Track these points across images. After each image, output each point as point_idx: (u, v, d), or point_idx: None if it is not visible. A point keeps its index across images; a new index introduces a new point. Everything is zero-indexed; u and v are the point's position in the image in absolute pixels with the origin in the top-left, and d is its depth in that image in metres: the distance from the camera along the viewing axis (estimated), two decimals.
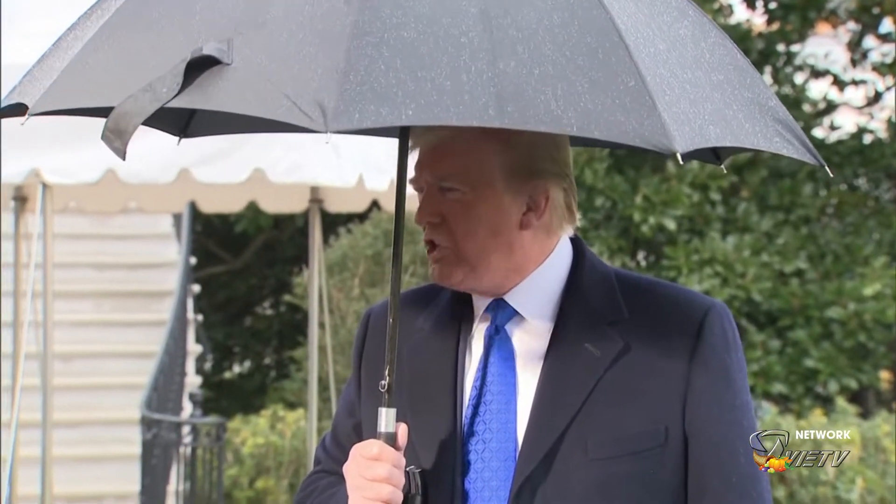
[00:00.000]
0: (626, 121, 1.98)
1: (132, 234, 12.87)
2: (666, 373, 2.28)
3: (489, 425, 2.31)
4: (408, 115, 1.89)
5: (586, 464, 2.24)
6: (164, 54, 2.00)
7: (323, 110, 1.88)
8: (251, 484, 10.36)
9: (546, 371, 2.29)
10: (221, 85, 1.95)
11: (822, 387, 11.88)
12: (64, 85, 2.07)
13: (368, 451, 2.20)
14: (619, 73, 2.01)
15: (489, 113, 1.92)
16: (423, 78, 1.92)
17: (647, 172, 12.11)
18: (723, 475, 2.28)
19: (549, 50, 2.00)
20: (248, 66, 1.95)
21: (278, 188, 6.69)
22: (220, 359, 17.36)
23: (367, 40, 1.94)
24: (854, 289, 11.83)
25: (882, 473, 10.32)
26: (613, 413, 2.26)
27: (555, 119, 1.94)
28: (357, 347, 2.51)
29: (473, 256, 2.29)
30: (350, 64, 1.91)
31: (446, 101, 1.91)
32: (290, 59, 1.94)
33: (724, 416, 2.29)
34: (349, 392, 2.51)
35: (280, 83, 1.92)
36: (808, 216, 12.51)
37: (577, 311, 2.32)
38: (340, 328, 11.26)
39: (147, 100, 1.97)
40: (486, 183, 2.28)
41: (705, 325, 2.30)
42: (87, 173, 5.42)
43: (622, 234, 12.00)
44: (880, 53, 13.35)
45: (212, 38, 1.99)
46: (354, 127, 1.88)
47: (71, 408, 10.49)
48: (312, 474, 2.54)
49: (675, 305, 2.33)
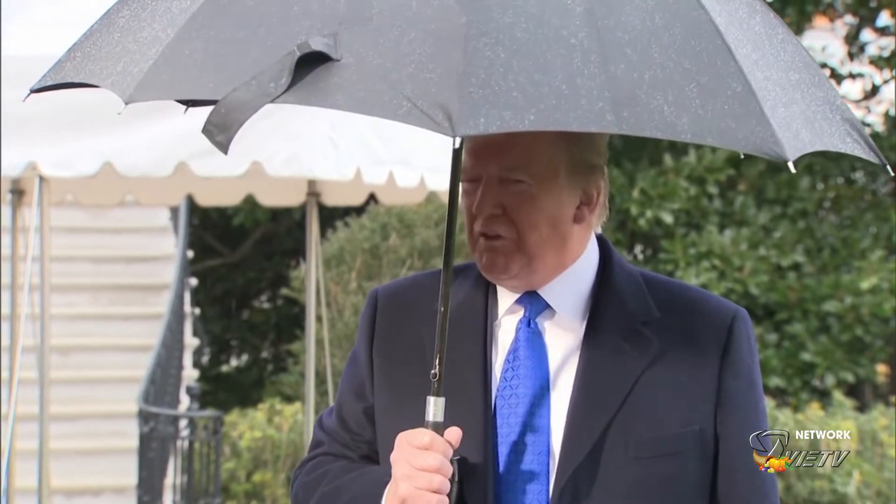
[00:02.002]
0: (738, 127, 1.94)
1: (129, 228, 12.85)
2: (698, 375, 2.30)
3: (523, 418, 2.29)
4: (530, 121, 1.85)
5: (628, 462, 2.25)
6: (264, 46, 1.94)
7: (447, 114, 1.83)
8: (248, 477, 10.37)
9: (584, 368, 2.29)
10: (334, 82, 1.89)
11: (819, 380, 11.89)
12: (163, 74, 1.99)
13: (419, 440, 2.15)
14: (724, 77, 1.98)
15: (607, 119, 1.88)
16: (540, 81, 1.88)
17: (645, 166, 12.11)
18: (751, 478, 2.32)
19: (655, 53, 1.97)
20: (359, 63, 1.90)
21: (276, 181, 6.67)
22: (218, 352, 17.35)
23: (483, 41, 1.89)
24: (851, 282, 11.83)
25: (879, 466, 10.33)
26: (652, 413, 2.26)
27: (669, 126, 1.91)
28: (366, 327, 2.45)
29: (533, 249, 2.27)
30: (469, 66, 1.87)
31: (565, 106, 1.87)
32: (405, 59, 1.89)
33: (751, 420, 2.33)
34: (357, 374, 2.45)
35: (397, 83, 1.87)
36: (805, 210, 12.51)
37: (611, 308, 2.32)
38: (338, 321, 11.26)
39: (253, 95, 1.91)
40: (550, 175, 2.26)
41: (734, 330, 2.35)
42: (84, 166, 5.41)
43: (619, 227, 12.00)
44: (878, 47, 13.34)
45: (314, 31, 1.93)
46: (481, 132, 1.84)
47: (68, 401, 10.49)
48: (316, 456, 2.47)
49: (702, 309, 2.36)
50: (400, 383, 2.36)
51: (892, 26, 13.13)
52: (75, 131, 5.27)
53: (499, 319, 2.36)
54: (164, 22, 2.06)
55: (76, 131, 5.27)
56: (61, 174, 5.46)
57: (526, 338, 2.33)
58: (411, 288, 2.45)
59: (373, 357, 2.43)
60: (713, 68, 1.98)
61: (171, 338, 11.10)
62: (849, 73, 13.36)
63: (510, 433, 2.29)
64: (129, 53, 2.06)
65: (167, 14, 2.07)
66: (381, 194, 7.51)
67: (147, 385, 9.58)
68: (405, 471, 2.16)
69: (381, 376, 2.41)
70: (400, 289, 2.49)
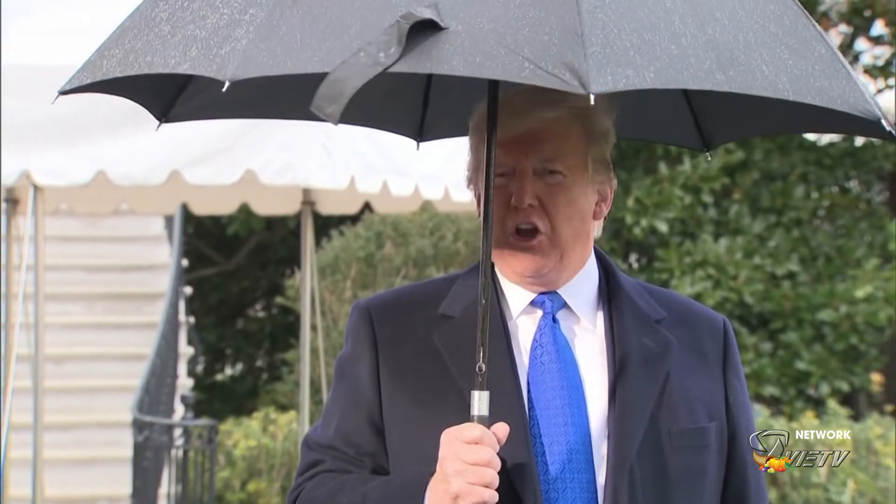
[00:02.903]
0: (831, 86, 1.98)
1: (124, 237, 12.84)
2: (709, 372, 2.38)
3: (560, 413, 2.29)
4: (651, 78, 1.88)
5: (674, 451, 2.29)
6: (364, 19, 1.94)
7: (576, 73, 1.84)
8: (243, 486, 10.35)
9: (619, 365, 2.31)
10: (447, 49, 1.89)
11: (814, 389, 11.89)
12: (262, 53, 1.96)
13: (469, 434, 2.13)
14: (809, 40, 2.03)
15: (717, 77, 1.91)
16: (651, 41, 1.90)
17: (639, 174, 12.11)
18: (759, 476, 2.41)
19: (743, 17, 2.00)
20: (470, 29, 1.90)
21: (270, 190, 6.68)
22: (212, 361, 17.33)
23: (594, 3, 1.92)
24: (846, 291, 11.84)
25: (874, 475, 10.33)
26: (684, 406, 2.32)
27: (771, 84, 1.94)
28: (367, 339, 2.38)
29: (567, 243, 2.30)
30: (586, 27, 1.88)
31: (678, 64, 1.90)
32: (517, 23, 1.90)
33: (749, 417, 2.42)
34: (354, 387, 2.38)
35: (514, 46, 1.87)
36: (799, 218, 12.52)
37: (626, 308, 2.36)
38: (332, 330, 11.25)
39: (363, 65, 1.89)
40: (581, 168, 2.30)
41: (727, 332, 2.43)
42: (77, 175, 5.40)
43: (614, 236, 12.00)
44: (872, 56, 13.36)
45: (413, 1, 1.93)
46: (611, 89, 1.85)
47: (62, 410, 10.47)
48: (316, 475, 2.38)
49: (698, 313, 2.44)
50: (419, 388, 2.33)
51: (886, 35, 13.14)
52: (69, 140, 5.27)
53: (514, 320, 2.36)
54: (239, 5, 2.04)
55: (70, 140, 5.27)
56: (55, 183, 5.46)
57: (552, 336, 2.33)
58: (402, 298, 2.45)
59: (380, 368, 2.37)
60: (796, 31, 2.03)
61: (166, 347, 11.09)
62: None
63: (550, 426, 2.29)
64: (201, 39, 2.03)
65: (232, 0, 2.05)
66: (376, 203, 7.51)
67: (141, 394, 9.57)
68: (457, 467, 2.12)
69: (394, 386, 2.35)
70: (391, 300, 2.46)
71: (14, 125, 5.17)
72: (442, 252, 11.56)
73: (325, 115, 1.91)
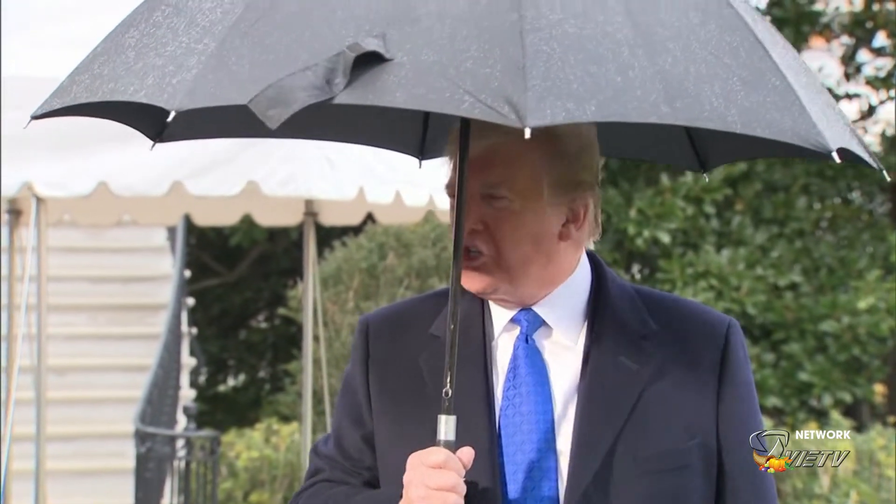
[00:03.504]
0: (782, 119, 1.98)
1: (126, 248, 12.86)
2: (698, 386, 2.31)
3: (528, 437, 2.28)
4: (591, 111, 1.87)
5: (637, 477, 2.25)
6: (312, 50, 1.95)
7: (514, 106, 1.84)
8: (245, 497, 10.35)
9: (587, 385, 2.29)
10: (391, 81, 1.90)
11: (817, 400, 11.88)
12: (209, 83, 1.98)
13: (433, 459, 2.13)
14: (763, 71, 2.02)
15: (662, 110, 1.91)
16: (596, 74, 1.90)
17: (642, 185, 12.12)
18: (754, 484, 2.34)
19: (696, 48, 2.00)
20: (414, 61, 1.91)
21: (273, 201, 6.68)
22: (215, 372, 17.34)
23: (539, 36, 1.92)
24: (848, 302, 11.83)
25: (876, 487, 10.32)
26: (656, 427, 2.27)
27: (720, 117, 1.93)
28: (360, 354, 2.42)
29: (514, 266, 2.28)
30: (528, 59, 1.89)
31: (622, 97, 1.90)
32: (461, 55, 1.91)
33: (752, 428, 2.34)
34: (353, 402, 2.42)
35: (457, 79, 1.88)
36: (802, 229, 12.52)
37: (609, 324, 2.32)
38: (335, 341, 11.25)
39: (309, 83, 1.90)
40: (533, 192, 2.26)
41: (729, 339, 2.35)
42: (78, 186, 5.41)
43: (616, 247, 12.00)
44: (874, 67, 13.37)
45: (362, 32, 1.94)
46: (549, 123, 1.85)
47: (65, 421, 10.47)
48: (314, 483, 2.44)
49: (697, 320, 2.37)
50: (400, 409, 2.35)
51: (888, 47, 13.15)
52: (71, 151, 5.28)
53: (496, 339, 2.36)
54: (195, 34, 2.06)
55: (71, 151, 5.27)
56: (56, 194, 5.47)
57: (525, 355, 2.32)
58: (402, 314, 2.44)
59: (369, 385, 2.41)
60: (751, 63, 2.02)
61: (169, 358, 11.09)
62: (845, 93, 13.38)
63: (516, 452, 2.28)
64: (158, 68, 2.05)
65: (194, 27, 2.07)
66: (380, 214, 7.51)
67: (144, 405, 9.57)
68: (420, 492, 2.13)
69: (379, 403, 2.39)
70: (391, 315, 2.47)
71: (15, 137, 5.18)
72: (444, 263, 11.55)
73: (265, 117, 1.91)
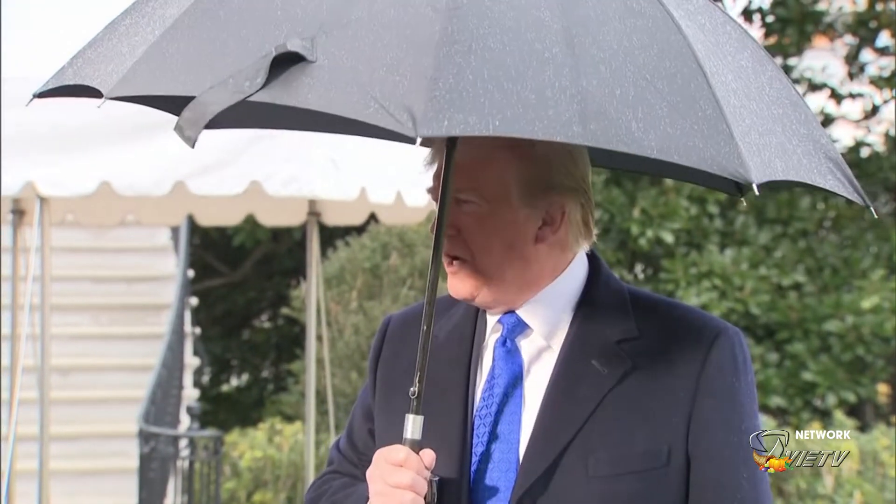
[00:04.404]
0: (705, 147, 1.98)
1: (130, 247, 12.86)
2: (672, 394, 2.29)
3: (496, 437, 2.31)
4: (495, 126, 1.88)
5: (587, 481, 2.25)
6: (245, 47, 1.99)
7: (412, 115, 1.86)
8: (249, 497, 10.35)
9: (552, 386, 2.30)
10: (306, 82, 1.93)
11: (820, 400, 11.88)
12: (144, 71, 2.05)
13: (394, 456, 2.19)
14: (697, 99, 2.02)
15: (573, 129, 1.91)
16: (510, 90, 1.91)
17: (645, 185, 12.11)
18: (725, 497, 2.28)
19: (629, 71, 2.00)
20: (333, 65, 1.94)
21: (276, 201, 6.68)
22: (218, 372, 17.35)
23: (455, 48, 1.94)
24: (852, 302, 11.83)
25: (880, 487, 10.31)
26: (617, 431, 2.26)
27: (636, 141, 1.93)
28: (374, 353, 2.53)
29: (489, 270, 2.30)
30: (439, 71, 1.91)
31: (531, 114, 1.90)
32: (377, 62, 1.94)
33: (729, 439, 2.29)
34: (366, 396, 2.53)
35: (367, 85, 1.91)
36: (805, 229, 12.52)
37: (588, 327, 2.33)
38: (338, 341, 11.26)
39: (228, 92, 1.95)
40: (502, 196, 2.28)
41: (714, 348, 2.31)
42: (81, 185, 5.40)
43: (620, 247, 12.00)
44: (878, 67, 13.36)
45: (294, 34, 1.98)
46: (443, 134, 1.87)
47: (68, 421, 10.48)
48: (325, 474, 2.56)
49: (687, 327, 2.34)
50: (391, 406, 2.41)
51: (891, 46, 13.15)
52: (73, 151, 5.27)
53: (486, 341, 2.39)
54: (155, 25, 2.13)
55: (74, 151, 5.27)
56: (59, 193, 5.46)
57: (501, 356, 2.36)
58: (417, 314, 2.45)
59: (376, 382, 2.50)
60: (686, 90, 2.02)
61: (172, 357, 11.10)
62: (849, 92, 13.37)
63: (484, 452, 2.31)
64: (121, 55, 2.13)
65: (159, 18, 2.14)
66: (383, 214, 7.51)
67: (147, 405, 9.57)
68: (378, 488, 2.19)
69: (378, 400, 2.48)
70: (407, 315, 2.54)
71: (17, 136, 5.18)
72: None
73: (184, 137, 1.97)
